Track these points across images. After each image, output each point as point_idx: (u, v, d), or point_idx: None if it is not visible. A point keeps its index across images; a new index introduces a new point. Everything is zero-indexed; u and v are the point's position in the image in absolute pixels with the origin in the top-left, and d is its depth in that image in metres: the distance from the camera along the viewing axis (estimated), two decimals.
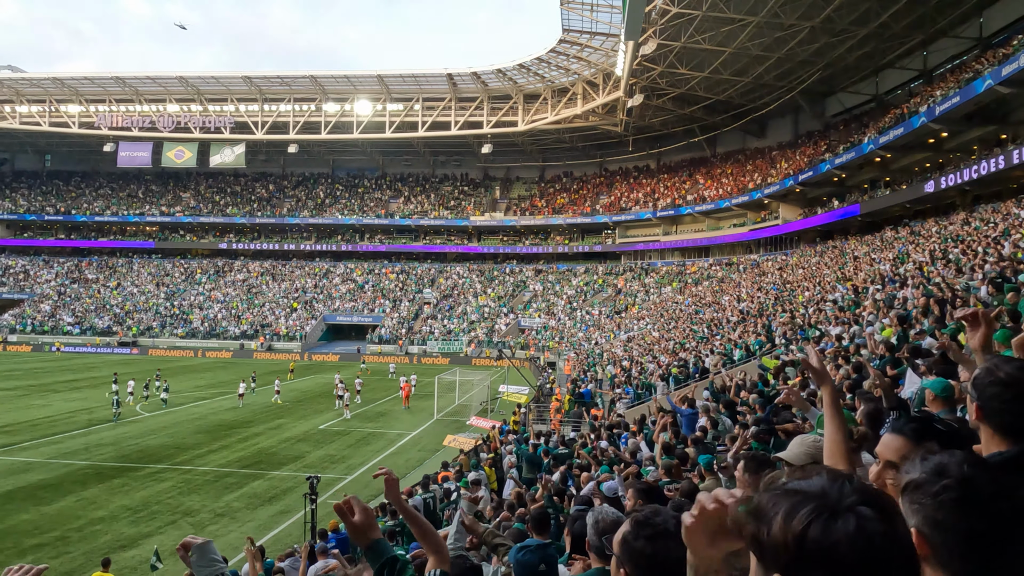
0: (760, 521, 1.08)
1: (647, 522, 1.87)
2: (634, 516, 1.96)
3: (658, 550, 1.80)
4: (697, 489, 5.48)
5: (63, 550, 14.90)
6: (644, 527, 1.86)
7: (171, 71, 68.55)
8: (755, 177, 57.06)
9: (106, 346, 64.58)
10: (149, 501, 18.54)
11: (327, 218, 76.76)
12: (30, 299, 72.68)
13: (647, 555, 1.80)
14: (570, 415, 26.26)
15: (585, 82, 60.84)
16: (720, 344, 25.68)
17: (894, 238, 32.70)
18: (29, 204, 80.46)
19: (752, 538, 1.10)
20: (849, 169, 43.77)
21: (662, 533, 1.83)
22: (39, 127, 73.95)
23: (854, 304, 19.35)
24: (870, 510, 1.03)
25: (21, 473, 21.06)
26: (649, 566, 1.79)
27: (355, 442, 26.99)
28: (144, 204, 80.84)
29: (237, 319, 68.37)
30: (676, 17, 40.66)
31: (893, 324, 12.21)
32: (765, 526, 1.07)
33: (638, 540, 1.84)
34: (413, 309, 68.79)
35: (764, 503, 1.10)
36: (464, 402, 36.07)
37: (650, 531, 1.84)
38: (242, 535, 15.97)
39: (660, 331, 40.17)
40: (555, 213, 72.25)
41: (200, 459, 23.46)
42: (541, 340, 59.15)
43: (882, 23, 39.16)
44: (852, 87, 51.53)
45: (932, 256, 21.51)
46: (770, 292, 34.16)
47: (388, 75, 66.56)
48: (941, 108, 32.84)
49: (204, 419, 30.99)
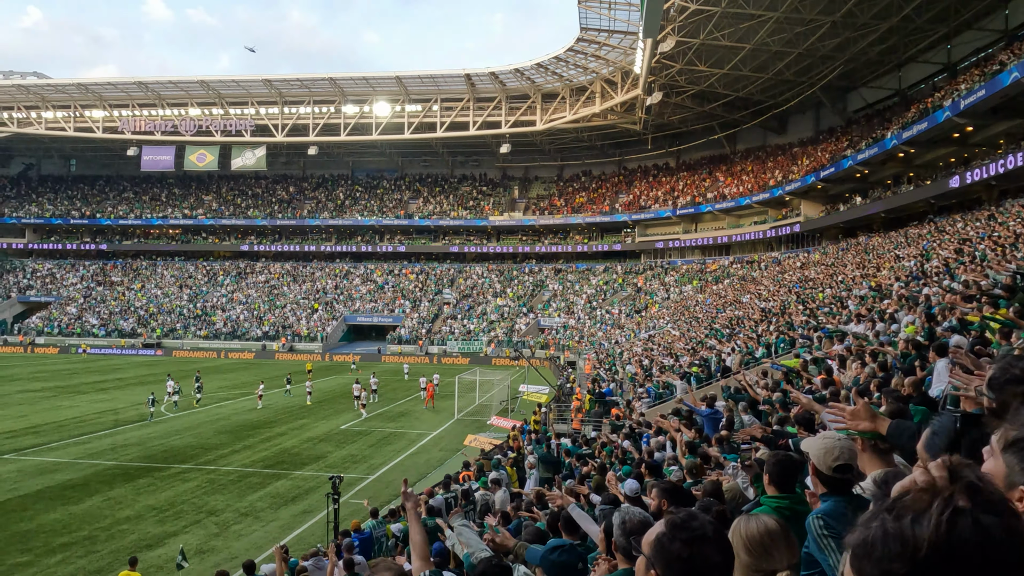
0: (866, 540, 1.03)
1: (684, 525, 1.82)
2: (670, 518, 1.92)
3: (695, 554, 1.76)
4: (720, 488, 5.43)
5: (91, 549, 15.11)
6: (681, 530, 1.80)
7: (192, 75, 69.28)
8: (776, 174, 56.57)
9: (131, 348, 65.47)
10: (174, 501, 18.76)
11: (347, 219, 77.22)
12: (57, 302, 73.88)
13: (683, 559, 1.75)
14: (591, 415, 26.18)
15: (603, 80, 60.66)
16: (742, 342, 25.49)
17: (918, 234, 32.27)
18: (55, 208, 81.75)
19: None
20: (872, 165, 43.23)
21: (700, 537, 1.78)
22: (64, 132, 75.13)
23: (877, 301, 19.11)
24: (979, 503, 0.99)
25: (50, 473, 21.39)
26: (684, 571, 1.75)
27: (376, 442, 27.13)
28: (167, 207, 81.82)
29: (259, 320, 69.00)
30: (695, 14, 40.43)
31: (920, 321, 12.04)
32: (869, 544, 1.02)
33: (674, 543, 1.79)
34: (433, 309, 68.99)
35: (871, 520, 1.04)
36: (484, 402, 36.11)
37: (687, 535, 1.78)
38: (266, 534, 16.15)
39: (680, 330, 39.95)
40: (574, 212, 72.11)
41: (224, 459, 23.69)
42: (561, 340, 59.09)
43: (905, 16, 38.65)
44: (874, 82, 50.90)
45: (958, 252, 21.19)
46: (792, 290, 33.86)
47: (406, 76, 66.82)
48: (966, 102, 32.34)
49: (228, 419, 31.31)
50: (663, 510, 4.32)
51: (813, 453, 3.14)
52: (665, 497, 4.44)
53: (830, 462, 3.02)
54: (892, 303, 16.72)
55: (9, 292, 75.51)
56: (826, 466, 3.04)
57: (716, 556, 1.73)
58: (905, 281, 20.06)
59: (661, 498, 4.47)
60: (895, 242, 33.49)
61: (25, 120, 74.84)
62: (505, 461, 16.70)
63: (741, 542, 1.93)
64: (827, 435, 3.28)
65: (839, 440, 3.13)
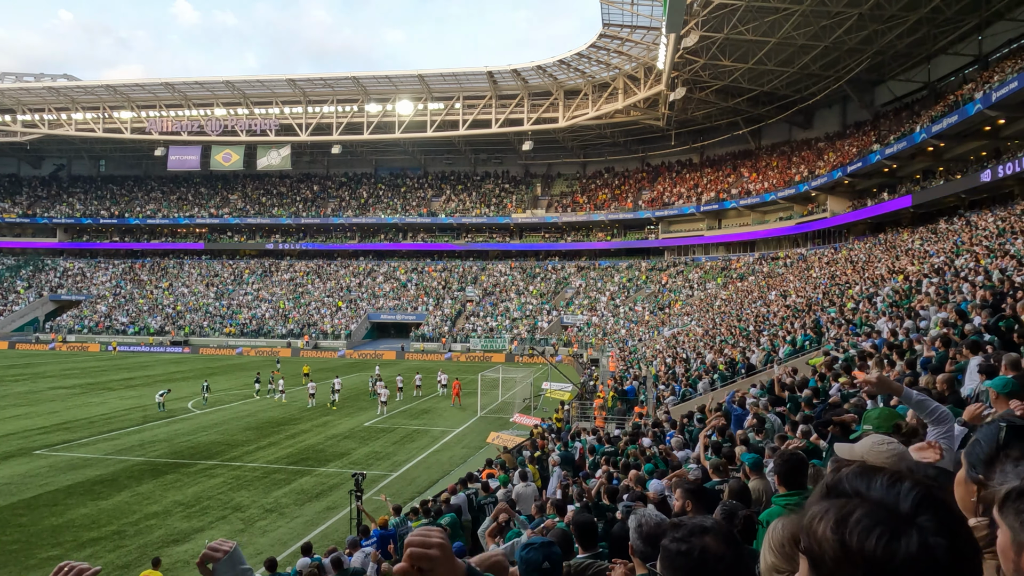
0: (809, 530, 1.02)
1: (681, 523, 1.81)
2: (670, 522, 1.90)
3: (693, 546, 1.71)
4: (746, 488, 5.33)
5: (119, 544, 15.32)
6: (678, 528, 1.79)
7: (218, 76, 69.98)
8: (802, 169, 55.85)
9: (159, 345, 66.41)
10: (201, 496, 18.96)
11: (370, 217, 77.65)
12: (87, 300, 75.18)
13: (682, 552, 1.72)
14: (614, 412, 26.05)
15: (626, 76, 60.28)
16: (768, 340, 25.19)
17: (948, 229, 31.66)
18: (85, 208, 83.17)
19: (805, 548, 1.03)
20: (900, 159, 42.49)
21: (697, 529, 1.75)
22: (93, 133, 76.36)
23: (906, 298, 18.77)
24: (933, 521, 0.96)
25: (80, 468, 21.74)
26: (688, 566, 1.70)
27: (400, 439, 27.22)
28: (193, 206, 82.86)
29: (284, 318, 69.63)
30: (718, 8, 40.01)
31: (951, 318, 11.78)
32: (812, 536, 1.00)
33: (673, 542, 1.77)
34: (456, 307, 69.13)
35: (817, 510, 1.03)
36: (507, 399, 36.10)
37: (684, 531, 1.76)
38: (290, 530, 16.27)
39: (704, 327, 39.60)
40: (597, 209, 71.82)
41: (249, 455, 23.92)
42: (584, 337, 58.90)
43: (934, 8, 37.93)
44: (903, 75, 49.99)
45: (990, 248, 20.74)
46: (818, 286, 33.39)
47: (429, 74, 66.94)
48: (998, 94, 31.65)
49: (253, 416, 31.62)
50: (687, 511, 4.25)
51: (880, 460, 2.80)
52: (690, 498, 4.36)
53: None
54: (922, 299, 16.41)
55: (41, 291, 77.00)
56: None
57: (717, 546, 1.69)
58: (935, 277, 19.67)
59: (686, 499, 4.39)
60: (924, 238, 32.88)
61: (55, 122, 76.17)
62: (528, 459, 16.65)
63: (767, 543, 1.88)
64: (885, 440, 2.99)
65: (890, 446, 2.95)
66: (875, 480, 1.04)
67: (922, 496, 0.99)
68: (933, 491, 1.01)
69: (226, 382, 42.94)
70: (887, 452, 2.89)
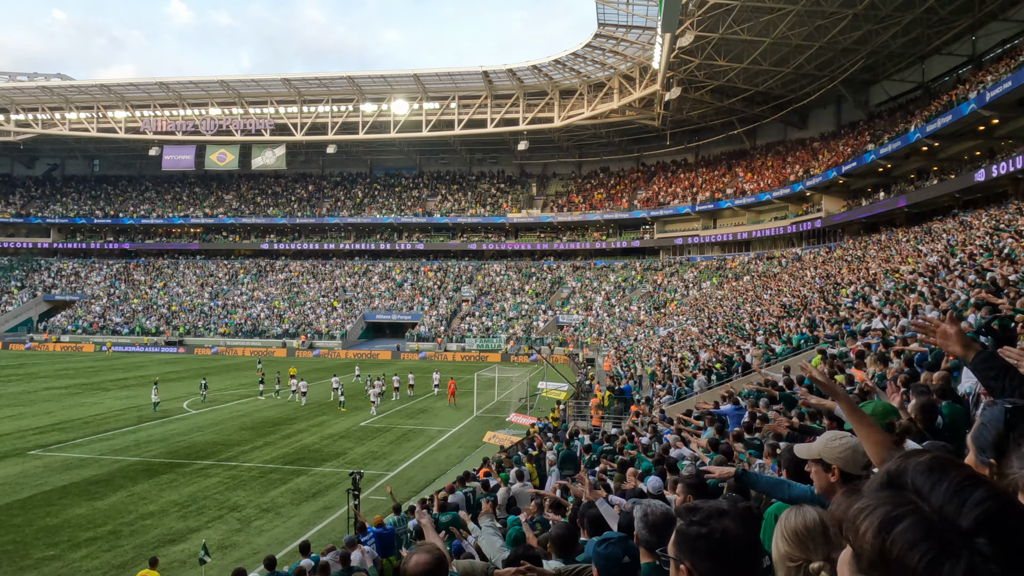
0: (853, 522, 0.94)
1: (695, 507, 1.77)
2: (681, 507, 1.87)
3: (714, 528, 1.69)
4: None
5: (115, 543, 15.27)
6: (694, 511, 1.76)
7: (213, 75, 69.73)
8: (796, 169, 56.01)
9: (153, 345, 66.21)
10: (197, 496, 18.92)
11: (366, 217, 77.57)
12: (81, 300, 74.91)
13: (703, 536, 1.69)
14: (610, 411, 26.09)
15: (621, 76, 60.34)
16: (763, 339, 25.26)
17: (942, 229, 31.79)
18: (79, 208, 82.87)
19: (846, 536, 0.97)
20: (895, 159, 42.65)
21: (715, 512, 1.73)
22: (87, 133, 76.04)
23: (901, 297, 18.84)
24: (992, 547, 0.84)
25: (75, 469, 21.68)
26: (709, 549, 1.67)
27: (396, 439, 27.21)
28: (188, 206, 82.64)
29: (279, 318, 69.51)
30: (714, 8, 40.09)
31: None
32: (855, 530, 0.93)
33: (691, 526, 1.73)
34: (451, 307, 69.11)
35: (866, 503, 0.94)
36: (504, 399, 36.10)
37: (701, 514, 1.73)
38: (287, 530, 16.25)
39: (700, 327, 39.67)
40: (592, 209, 71.89)
41: (245, 455, 23.87)
42: (579, 336, 58.94)
43: (928, 8, 38.08)
44: (897, 75, 50.19)
45: (984, 247, 20.83)
46: (813, 286, 33.49)
47: (424, 74, 66.88)
48: (992, 94, 31.80)
49: (249, 416, 31.56)
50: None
51: (835, 455, 2.85)
52: (690, 492, 4.39)
53: (863, 461, 2.78)
54: (916, 298, 16.48)
55: (35, 291, 76.70)
56: (859, 467, 2.79)
57: (736, 528, 1.68)
58: (929, 276, 19.76)
59: (686, 493, 4.41)
60: (919, 237, 33.02)
61: (49, 121, 75.85)
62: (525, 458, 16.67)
63: (780, 532, 1.89)
64: (839, 435, 2.96)
65: (843, 440, 2.86)
66: (943, 481, 0.91)
67: (990, 513, 0.86)
68: (1007, 508, 0.87)
69: (221, 382, 42.85)
70: (839, 447, 2.86)
